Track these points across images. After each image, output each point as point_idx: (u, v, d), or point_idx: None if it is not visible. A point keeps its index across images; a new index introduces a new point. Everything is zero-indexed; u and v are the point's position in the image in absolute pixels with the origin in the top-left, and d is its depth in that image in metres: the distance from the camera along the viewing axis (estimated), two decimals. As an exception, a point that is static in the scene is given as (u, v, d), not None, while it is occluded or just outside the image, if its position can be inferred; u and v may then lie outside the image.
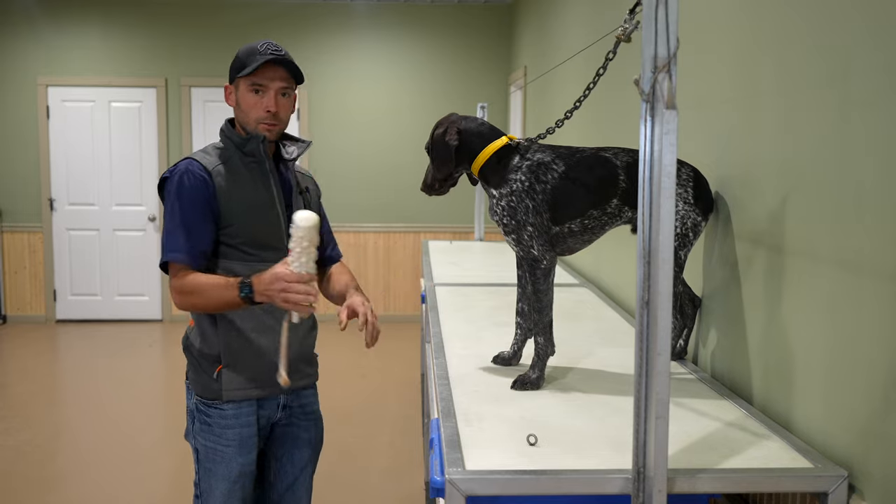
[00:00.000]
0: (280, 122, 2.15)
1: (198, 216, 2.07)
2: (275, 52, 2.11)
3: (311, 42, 7.73)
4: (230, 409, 2.14)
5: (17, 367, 6.43)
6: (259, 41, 2.15)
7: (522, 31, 7.02)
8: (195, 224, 2.07)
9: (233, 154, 2.15)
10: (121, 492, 3.97)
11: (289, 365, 2.01)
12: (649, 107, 1.43)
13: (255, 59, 2.09)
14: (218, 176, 2.10)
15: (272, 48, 2.11)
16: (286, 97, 2.15)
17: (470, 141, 2.18)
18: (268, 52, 2.09)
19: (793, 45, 1.88)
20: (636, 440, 1.50)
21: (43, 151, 7.70)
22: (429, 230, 7.90)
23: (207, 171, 2.10)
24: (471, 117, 2.24)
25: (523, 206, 2.11)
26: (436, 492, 1.58)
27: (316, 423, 2.36)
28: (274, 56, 2.09)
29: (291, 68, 2.13)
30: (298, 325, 2.09)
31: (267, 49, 2.10)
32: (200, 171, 2.09)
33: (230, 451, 2.15)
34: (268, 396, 2.20)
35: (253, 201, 2.13)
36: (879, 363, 1.54)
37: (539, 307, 2.16)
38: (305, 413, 2.32)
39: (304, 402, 2.32)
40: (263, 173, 2.16)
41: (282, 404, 2.25)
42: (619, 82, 3.31)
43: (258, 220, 2.13)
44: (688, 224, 2.17)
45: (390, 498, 3.93)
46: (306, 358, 2.29)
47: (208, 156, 2.14)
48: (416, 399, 5.39)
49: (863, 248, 1.59)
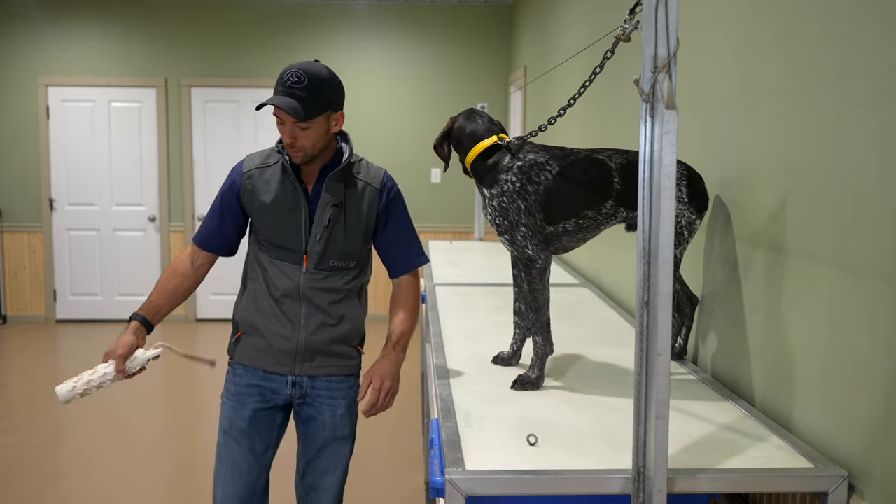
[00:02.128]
0: (304, 149, 2.24)
1: (217, 210, 2.40)
2: (291, 87, 2.16)
3: (311, 42, 7.73)
4: (240, 369, 2.42)
5: (17, 367, 6.43)
6: (293, 66, 2.20)
7: (522, 31, 7.02)
8: (212, 216, 2.41)
9: (279, 159, 2.34)
10: (121, 492, 3.97)
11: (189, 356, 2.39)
12: (649, 107, 1.43)
13: (276, 91, 2.20)
14: (248, 179, 2.34)
15: (291, 82, 2.17)
16: (306, 130, 2.21)
17: (460, 138, 2.28)
18: (286, 86, 2.17)
19: (793, 46, 1.88)
20: (636, 440, 1.50)
21: (43, 151, 7.70)
22: (429, 230, 7.90)
23: (242, 172, 2.36)
24: (475, 115, 2.26)
25: (515, 207, 2.11)
26: (436, 492, 1.58)
27: (333, 410, 2.42)
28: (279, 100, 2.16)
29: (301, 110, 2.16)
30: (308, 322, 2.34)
31: (287, 82, 2.17)
32: (237, 171, 2.37)
33: (229, 405, 2.42)
34: (272, 371, 2.38)
35: (275, 205, 2.32)
36: (879, 363, 1.54)
37: (536, 306, 2.16)
38: (321, 397, 2.41)
39: (319, 387, 2.40)
40: (292, 182, 2.31)
41: (291, 382, 2.39)
42: (619, 82, 3.31)
43: (276, 222, 2.32)
44: (682, 222, 2.17)
45: (390, 498, 3.93)
46: (314, 350, 2.37)
47: (259, 157, 2.38)
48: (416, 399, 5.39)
49: (863, 248, 1.59)
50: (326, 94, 2.21)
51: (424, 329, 3.71)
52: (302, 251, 2.31)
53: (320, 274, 2.33)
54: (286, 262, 2.32)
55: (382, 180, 2.38)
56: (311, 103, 2.17)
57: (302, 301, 2.34)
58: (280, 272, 2.33)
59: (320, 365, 2.38)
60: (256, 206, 2.33)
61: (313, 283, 2.33)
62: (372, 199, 2.36)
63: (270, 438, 2.44)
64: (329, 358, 2.40)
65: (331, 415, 2.41)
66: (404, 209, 2.43)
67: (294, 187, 2.31)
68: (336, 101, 2.26)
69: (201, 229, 2.43)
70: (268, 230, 2.33)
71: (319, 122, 2.21)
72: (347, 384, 2.44)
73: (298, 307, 2.34)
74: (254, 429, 2.40)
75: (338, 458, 2.47)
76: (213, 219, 2.41)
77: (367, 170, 2.38)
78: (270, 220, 2.32)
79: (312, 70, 2.19)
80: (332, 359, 2.40)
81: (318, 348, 2.37)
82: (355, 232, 2.33)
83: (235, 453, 2.39)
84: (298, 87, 2.16)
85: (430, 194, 7.80)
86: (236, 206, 2.37)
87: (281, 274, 2.33)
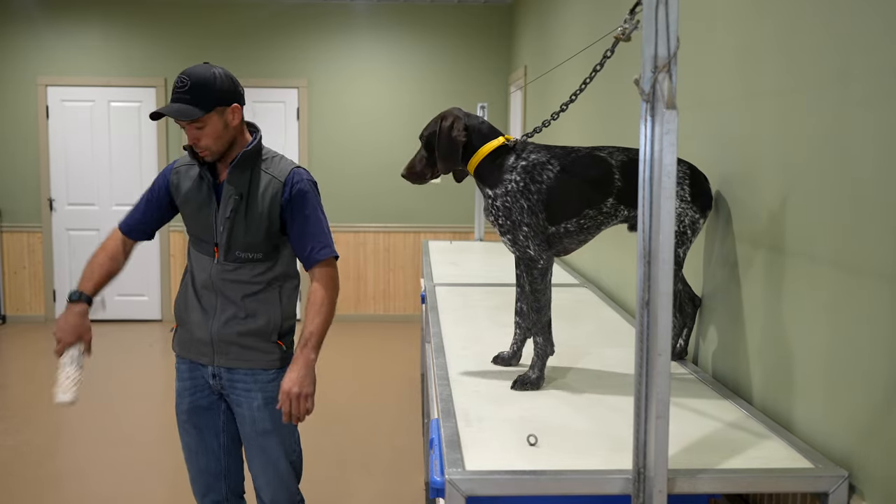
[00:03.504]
0: (207, 147, 2.35)
1: (144, 200, 2.55)
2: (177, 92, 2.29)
3: (311, 42, 7.73)
4: (178, 361, 2.58)
5: (17, 367, 6.43)
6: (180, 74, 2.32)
7: (522, 31, 7.02)
8: (138, 206, 2.56)
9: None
10: (120, 492, 3.97)
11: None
12: (649, 107, 1.43)
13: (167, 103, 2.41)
14: (175, 175, 2.51)
15: (176, 87, 2.30)
16: (203, 128, 2.32)
17: (472, 138, 2.18)
18: (174, 93, 2.30)
19: (793, 45, 1.88)
20: (636, 440, 1.50)
21: (43, 151, 7.70)
22: (429, 230, 7.90)
23: (171, 168, 2.53)
24: (472, 114, 2.24)
25: (518, 207, 2.11)
26: (436, 492, 1.58)
27: (250, 403, 2.47)
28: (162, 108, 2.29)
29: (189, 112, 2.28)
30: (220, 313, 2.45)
31: (174, 88, 2.31)
32: (168, 168, 2.54)
33: (176, 397, 2.58)
34: (195, 361, 2.52)
35: (192, 200, 2.47)
36: (880, 363, 1.54)
37: (537, 307, 2.16)
38: (238, 390, 2.49)
39: (236, 379, 2.48)
40: (207, 178, 2.44)
41: (212, 373, 2.51)
42: (620, 82, 3.31)
43: (193, 215, 2.47)
44: (685, 222, 2.17)
45: (390, 498, 3.93)
46: (227, 341, 2.45)
47: (185, 157, 2.51)
48: (416, 399, 5.38)
49: (862, 248, 1.59)
50: (209, 92, 2.30)
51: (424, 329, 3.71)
52: (213, 242, 2.44)
53: (230, 265, 2.43)
54: (203, 254, 2.47)
55: (289, 176, 2.42)
56: (197, 104, 2.28)
57: (217, 293, 2.45)
58: (199, 264, 2.48)
59: (235, 357, 2.46)
60: (180, 200, 2.49)
61: (224, 274, 2.43)
62: (275, 193, 2.41)
63: (217, 424, 2.56)
64: (243, 351, 2.46)
65: (248, 408, 2.47)
66: (311, 204, 2.43)
67: (208, 182, 2.44)
68: (226, 97, 2.34)
69: (129, 220, 2.57)
70: (188, 223, 2.49)
71: (213, 119, 2.32)
72: (266, 378, 2.47)
73: (214, 298, 2.46)
74: (196, 417, 2.55)
75: (266, 456, 2.50)
76: (139, 209, 2.55)
77: (277, 165, 2.46)
78: (189, 213, 2.48)
79: (196, 72, 2.31)
80: (246, 352, 2.46)
81: (230, 340, 2.45)
82: (256, 224, 2.40)
83: (189, 443, 2.58)
84: (183, 90, 2.30)
85: (431, 194, 7.80)
86: (165, 198, 2.52)
87: (200, 266, 2.48)
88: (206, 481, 2.58)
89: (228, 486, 2.60)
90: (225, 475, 2.59)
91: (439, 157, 2.18)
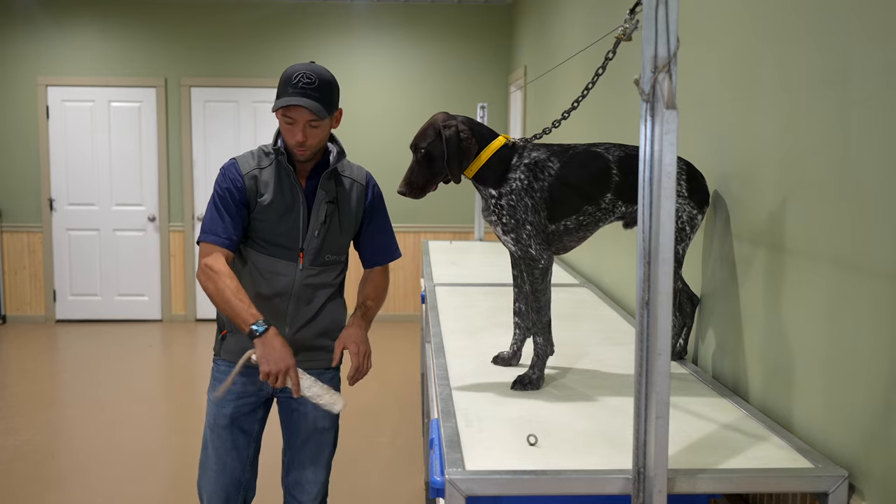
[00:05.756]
0: (310, 147, 2.34)
1: (225, 207, 2.35)
2: (304, 88, 2.26)
3: (312, 42, 7.73)
4: (224, 366, 2.49)
5: (17, 367, 6.43)
6: (300, 67, 2.29)
7: (522, 31, 7.02)
8: (222, 214, 2.36)
9: (272, 161, 2.40)
10: (120, 492, 3.97)
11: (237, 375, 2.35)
12: (649, 107, 1.43)
13: (286, 92, 2.27)
14: (250, 179, 2.37)
15: (304, 82, 2.26)
16: (316, 128, 2.32)
17: (476, 140, 2.15)
18: (298, 87, 2.26)
19: (793, 45, 1.88)
20: (636, 440, 1.50)
21: (43, 151, 7.70)
22: (429, 230, 7.90)
23: (242, 174, 2.37)
24: (466, 116, 2.20)
25: (523, 205, 2.11)
26: (436, 492, 1.58)
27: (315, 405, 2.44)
28: (297, 99, 2.24)
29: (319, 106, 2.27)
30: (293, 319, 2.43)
31: (299, 82, 2.26)
32: (236, 172, 2.38)
33: (213, 401, 2.51)
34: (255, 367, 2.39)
35: (274, 205, 2.37)
36: (879, 363, 1.54)
37: (537, 307, 2.16)
38: None
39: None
40: (290, 182, 2.39)
41: None
42: (620, 82, 3.31)
43: (275, 221, 2.38)
44: (683, 218, 2.18)
45: (390, 498, 3.93)
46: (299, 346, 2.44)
47: (251, 159, 2.41)
48: (416, 399, 5.38)
49: (863, 248, 1.59)
50: (333, 93, 2.35)
51: (424, 329, 3.71)
52: (298, 248, 2.40)
53: (314, 270, 2.44)
54: (281, 259, 2.40)
55: (367, 178, 2.54)
56: (325, 102, 2.30)
57: (292, 298, 2.43)
58: (274, 270, 2.41)
59: (304, 360, 2.44)
60: (260, 206, 2.38)
61: (307, 279, 2.43)
62: (360, 196, 2.50)
63: (252, 433, 2.54)
64: (313, 352, 2.49)
65: (313, 407, 2.47)
66: (385, 206, 2.59)
67: (292, 186, 2.39)
68: (337, 100, 2.39)
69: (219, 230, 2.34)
70: (265, 229, 2.39)
71: (328, 121, 2.34)
72: (328, 377, 2.52)
73: (287, 304, 2.43)
74: (236, 425, 2.50)
75: (320, 451, 2.55)
76: (225, 219, 2.34)
77: (352, 169, 2.53)
78: (269, 219, 2.38)
79: (320, 71, 2.31)
80: (315, 353, 2.49)
81: (303, 344, 2.45)
82: (348, 226, 2.48)
83: (220, 449, 2.50)
84: (311, 87, 2.27)
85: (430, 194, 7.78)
86: (243, 205, 2.36)
87: (275, 272, 2.41)
88: (227, 494, 2.51)
89: (244, 499, 2.56)
90: (246, 487, 2.55)
91: (453, 167, 2.12)
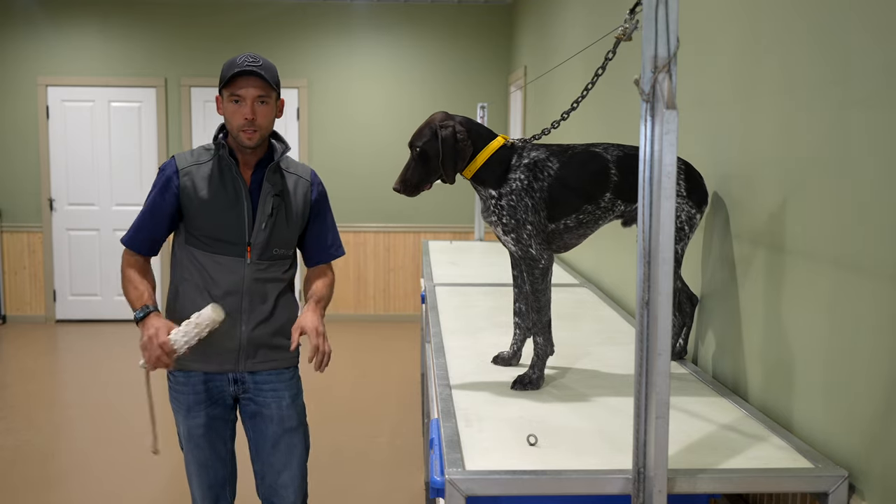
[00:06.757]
0: (259, 128, 2.33)
1: (152, 211, 2.38)
2: (250, 64, 2.31)
3: (311, 42, 7.73)
4: (181, 376, 2.46)
5: (17, 367, 6.43)
6: (240, 55, 2.35)
7: (522, 31, 7.02)
8: (146, 217, 2.39)
9: (213, 157, 2.40)
10: (121, 492, 3.97)
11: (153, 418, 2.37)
12: (649, 107, 1.43)
13: (233, 71, 2.30)
14: (185, 176, 2.36)
15: (248, 60, 2.31)
16: (265, 105, 2.33)
17: (474, 141, 2.15)
18: (244, 65, 2.30)
19: (793, 45, 1.88)
20: (636, 440, 1.50)
21: (43, 151, 7.69)
22: (429, 230, 7.90)
23: (177, 170, 2.37)
24: (464, 117, 2.19)
25: (523, 205, 2.11)
26: (436, 492, 1.58)
27: (279, 403, 2.48)
28: (248, 68, 2.29)
29: (267, 78, 2.31)
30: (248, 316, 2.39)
31: (244, 62, 2.31)
32: (171, 170, 2.38)
33: (180, 415, 2.49)
34: (214, 372, 2.43)
35: (215, 201, 2.36)
36: (880, 363, 1.54)
37: (538, 307, 2.16)
38: (264, 391, 2.47)
39: (261, 381, 2.47)
40: (232, 176, 2.38)
41: (232, 379, 2.45)
42: (620, 82, 3.31)
43: (217, 217, 2.36)
44: (682, 218, 2.18)
45: (390, 498, 3.93)
46: (256, 344, 2.43)
47: (190, 156, 2.41)
48: (416, 399, 5.38)
49: (863, 248, 1.59)
50: (276, 74, 2.38)
51: (424, 329, 3.71)
52: (245, 243, 2.37)
53: (263, 264, 2.41)
54: (228, 255, 2.37)
55: (312, 176, 2.53)
56: (270, 78, 2.33)
57: (244, 295, 2.39)
58: (221, 267, 2.38)
59: (263, 360, 2.44)
60: (197, 202, 2.35)
61: (256, 274, 2.40)
62: (305, 192, 2.49)
63: (226, 434, 2.54)
64: (271, 351, 2.46)
65: (277, 407, 2.47)
66: (329, 204, 2.58)
67: (234, 181, 2.38)
68: (279, 85, 2.40)
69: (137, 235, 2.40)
70: (207, 226, 2.36)
71: (272, 102, 2.36)
72: (289, 375, 2.51)
73: (240, 302, 2.38)
74: (211, 433, 2.49)
75: (292, 452, 2.52)
76: (147, 221, 2.39)
77: (297, 166, 2.53)
78: (210, 215, 2.36)
79: (261, 56, 2.37)
80: (274, 352, 2.47)
81: (260, 342, 2.43)
82: (294, 221, 2.46)
83: (200, 457, 2.50)
84: (256, 65, 2.31)
85: (430, 194, 7.73)
86: (174, 205, 2.36)
87: (222, 269, 2.38)
88: (215, 494, 2.54)
89: (231, 492, 2.59)
90: (230, 480, 2.58)
91: (447, 168, 2.12)
